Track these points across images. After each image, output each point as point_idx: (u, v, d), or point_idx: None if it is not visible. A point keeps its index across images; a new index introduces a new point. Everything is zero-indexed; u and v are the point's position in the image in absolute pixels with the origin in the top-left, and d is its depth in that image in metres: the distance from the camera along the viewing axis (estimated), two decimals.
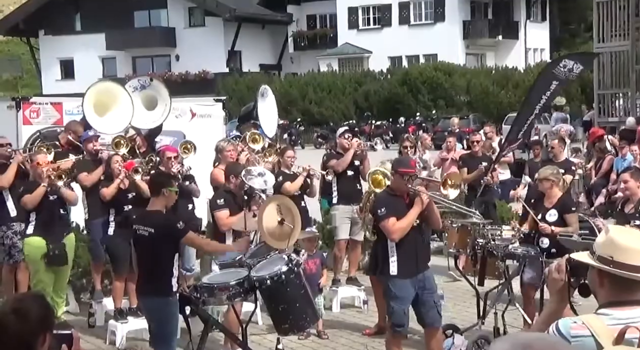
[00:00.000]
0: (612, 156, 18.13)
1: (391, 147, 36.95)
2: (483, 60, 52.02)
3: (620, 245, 3.37)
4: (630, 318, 3.29)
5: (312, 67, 51.41)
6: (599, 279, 3.42)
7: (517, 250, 8.62)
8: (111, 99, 11.33)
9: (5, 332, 3.33)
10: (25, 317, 3.36)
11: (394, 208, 7.63)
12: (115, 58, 54.97)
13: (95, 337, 9.74)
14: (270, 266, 7.61)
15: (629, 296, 3.36)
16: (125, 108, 11.30)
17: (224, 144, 10.75)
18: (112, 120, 11.20)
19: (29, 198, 9.34)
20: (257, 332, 9.47)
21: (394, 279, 7.65)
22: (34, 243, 9.44)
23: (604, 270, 3.37)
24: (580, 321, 3.30)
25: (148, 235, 7.35)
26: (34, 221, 9.46)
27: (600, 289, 3.42)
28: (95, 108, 11.15)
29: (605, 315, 3.32)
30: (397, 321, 7.75)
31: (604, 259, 3.38)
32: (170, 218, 7.61)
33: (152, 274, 7.38)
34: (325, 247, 12.01)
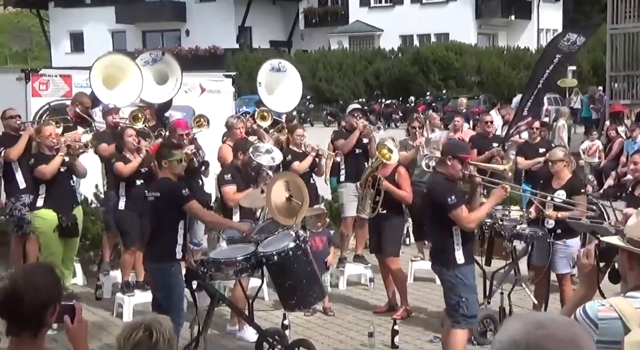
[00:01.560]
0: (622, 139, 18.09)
1: (400, 126, 36.87)
2: (495, 40, 51.75)
3: None
4: None
5: (323, 45, 51.22)
6: (629, 262, 3.39)
7: (524, 231, 8.62)
8: (121, 73, 11.33)
9: (17, 303, 3.34)
10: (35, 287, 3.37)
11: (461, 195, 7.24)
12: (124, 32, 54.86)
13: (102, 309, 9.80)
14: (277, 242, 7.62)
15: None
16: (134, 81, 11.30)
17: (233, 121, 10.73)
18: (121, 93, 11.20)
19: (47, 168, 9.32)
20: (263, 308, 9.50)
21: (462, 268, 7.16)
22: (45, 215, 9.47)
23: (635, 253, 3.34)
24: (608, 304, 3.26)
25: (154, 200, 7.50)
26: (43, 194, 9.47)
27: (630, 272, 3.39)
28: (104, 81, 11.14)
29: (634, 298, 3.29)
30: (471, 312, 7.26)
31: (634, 241, 3.35)
32: (176, 184, 7.65)
33: (156, 239, 7.52)
34: (333, 225, 12.02)
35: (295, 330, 8.74)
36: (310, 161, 10.53)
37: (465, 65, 44.93)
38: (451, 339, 7.25)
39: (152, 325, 3.16)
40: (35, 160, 9.47)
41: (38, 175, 9.41)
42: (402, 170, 9.40)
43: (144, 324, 3.18)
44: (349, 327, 9.16)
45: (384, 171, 9.32)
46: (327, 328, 9.16)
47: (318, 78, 46.01)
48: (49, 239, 9.55)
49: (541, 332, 2.14)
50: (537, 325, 2.17)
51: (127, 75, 11.33)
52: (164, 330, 3.17)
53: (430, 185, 7.51)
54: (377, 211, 9.31)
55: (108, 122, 10.69)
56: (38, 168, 9.37)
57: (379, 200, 9.28)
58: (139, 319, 3.24)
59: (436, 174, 7.50)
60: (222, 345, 8.55)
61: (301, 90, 13.05)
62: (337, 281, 10.78)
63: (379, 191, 9.27)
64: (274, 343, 7.88)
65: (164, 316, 3.33)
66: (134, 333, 3.17)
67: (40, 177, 9.39)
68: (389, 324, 8.71)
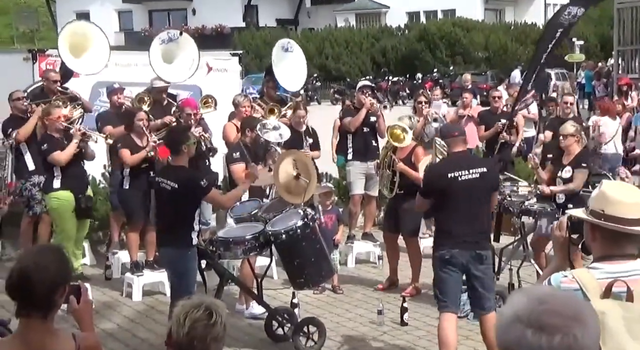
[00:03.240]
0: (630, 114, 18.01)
1: (407, 103, 36.76)
2: (502, 15, 51.47)
3: (611, 198, 3.38)
4: (620, 272, 3.30)
5: (329, 22, 51.02)
6: (591, 233, 3.44)
7: (533, 206, 8.60)
8: (86, 40, 11.24)
9: (27, 284, 3.36)
10: (45, 269, 3.38)
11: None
12: (131, 11, 54.72)
13: (112, 290, 9.83)
14: (286, 221, 7.63)
15: (619, 250, 3.38)
16: (101, 49, 11.23)
17: (240, 99, 10.70)
18: (88, 61, 11.15)
19: (62, 155, 9.35)
20: (272, 287, 9.52)
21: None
22: (63, 196, 9.51)
23: (596, 224, 3.39)
24: (570, 275, 3.32)
25: (171, 190, 7.34)
26: (59, 175, 9.47)
27: (592, 243, 3.44)
28: (71, 50, 11.07)
29: (596, 269, 3.33)
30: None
31: (595, 212, 3.39)
32: (194, 175, 7.59)
33: (173, 226, 7.39)
34: (341, 203, 12.02)
35: (304, 309, 8.76)
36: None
37: (472, 42, 44.73)
38: (492, 323, 6.89)
39: (212, 306, 3.20)
40: (48, 146, 9.44)
41: (53, 162, 9.44)
42: (419, 151, 9.36)
43: (204, 304, 3.22)
44: (358, 305, 9.18)
45: (402, 152, 9.31)
46: (336, 306, 9.18)
47: (325, 56, 45.87)
48: (65, 220, 9.59)
49: (543, 307, 2.14)
50: (539, 300, 2.17)
51: (93, 43, 11.24)
52: (222, 313, 3.21)
53: (491, 169, 7.31)
54: (395, 192, 9.32)
55: (113, 101, 10.69)
56: (52, 155, 9.39)
57: (396, 181, 9.27)
58: (199, 299, 3.29)
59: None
60: (231, 324, 8.50)
61: (306, 69, 12.98)
62: (345, 259, 10.79)
63: (395, 172, 9.27)
64: (283, 321, 7.92)
65: (220, 302, 3.38)
66: (194, 311, 3.20)
67: (55, 163, 9.43)
68: (398, 301, 8.73)
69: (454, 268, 6.93)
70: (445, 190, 6.91)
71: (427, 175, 7.38)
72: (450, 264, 6.92)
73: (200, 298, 3.34)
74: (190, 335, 3.18)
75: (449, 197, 6.89)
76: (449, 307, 6.98)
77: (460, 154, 7.14)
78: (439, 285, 7.05)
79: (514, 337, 2.14)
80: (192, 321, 3.18)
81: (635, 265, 3.35)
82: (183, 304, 3.32)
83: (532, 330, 2.11)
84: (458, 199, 6.86)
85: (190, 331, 3.18)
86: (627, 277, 3.27)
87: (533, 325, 2.12)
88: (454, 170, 6.91)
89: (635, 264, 3.35)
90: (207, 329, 3.18)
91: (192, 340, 3.19)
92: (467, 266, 6.94)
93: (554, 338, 2.10)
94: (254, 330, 8.38)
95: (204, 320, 3.18)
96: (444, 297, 6.99)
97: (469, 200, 6.87)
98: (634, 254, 3.41)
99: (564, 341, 2.09)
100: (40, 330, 3.42)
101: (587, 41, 40.51)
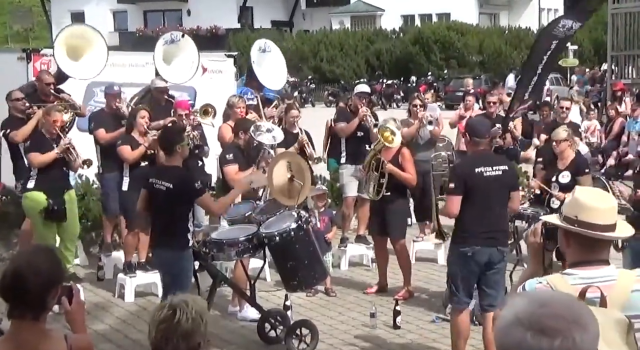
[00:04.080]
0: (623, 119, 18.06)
1: (402, 106, 36.81)
2: (496, 20, 51.58)
3: (585, 204, 3.39)
4: (594, 277, 3.31)
5: (324, 25, 51.06)
6: (565, 239, 3.45)
7: (526, 211, 8.62)
8: (85, 43, 11.20)
9: (20, 285, 3.35)
10: (38, 270, 3.38)
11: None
12: (126, 11, 54.67)
13: (104, 290, 9.81)
14: (279, 223, 7.63)
15: (593, 256, 3.39)
16: (99, 52, 11.21)
17: (235, 100, 10.68)
18: (86, 64, 11.12)
19: (38, 158, 9.20)
20: (265, 289, 9.51)
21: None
22: (33, 197, 9.28)
23: (570, 231, 3.40)
24: (545, 281, 3.33)
25: (166, 190, 7.30)
26: (35, 176, 9.32)
27: (567, 249, 3.46)
28: (68, 53, 11.02)
29: (570, 274, 3.35)
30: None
31: (569, 218, 3.40)
32: (189, 176, 7.54)
33: (167, 228, 7.34)
34: (334, 205, 12.02)
35: (297, 311, 8.75)
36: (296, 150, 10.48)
37: (467, 45, 44.82)
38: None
39: (178, 305, 3.21)
40: (31, 144, 9.36)
41: (28, 160, 9.33)
42: (405, 152, 9.37)
43: (169, 304, 3.23)
44: (350, 308, 9.17)
45: (388, 154, 9.30)
46: (329, 309, 9.17)
47: (319, 58, 45.91)
48: (36, 222, 9.38)
49: (543, 310, 2.14)
50: (540, 303, 2.18)
51: (92, 46, 11.20)
52: (190, 310, 3.21)
53: (511, 167, 7.44)
54: (381, 194, 9.31)
55: (109, 104, 10.58)
56: (31, 154, 9.26)
57: (383, 182, 9.27)
58: (168, 300, 3.30)
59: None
60: (224, 326, 8.56)
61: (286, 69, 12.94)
62: (339, 262, 10.78)
63: (382, 174, 9.27)
64: (275, 324, 7.91)
65: (195, 297, 3.38)
66: (158, 313, 3.22)
67: (29, 162, 9.31)
68: (390, 304, 8.73)
69: (474, 265, 6.99)
70: (472, 186, 6.95)
71: (454, 173, 7.34)
72: (472, 260, 6.98)
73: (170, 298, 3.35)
74: (159, 337, 3.20)
75: (474, 193, 6.94)
76: (463, 303, 7.12)
77: (484, 152, 7.28)
78: (457, 281, 7.09)
79: (514, 340, 2.14)
80: (157, 323, 3.20)
81: (608, 271, 3.37)
82: (154, 307, 3.36)
83: (532, 333, 2.11)
84: (482, 195, 6.94)
85: (157, 333, 3.20)
86: (600, 282, 3.28)
87: (533, 328, 2.12)
88: (480, 166, 6.99)
89: (608, 270, 3.37)
90: (171, 328, 3.19)
91: (161, 341, 3.20)
92: (487, 263, 7.01)
93: (554, 341, 2.09)
94: (246, 332, 8.37)
95: (168, 320, 3.19)
96: (461, 293, 7.08)
97: (492, 197, 6.97)
98: (607, 260, 3.43)
99: (564, 344, 2.09)
100: (32, 331, 3.40)
101: (581, 46, 40.61)
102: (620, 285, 3.31)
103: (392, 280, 9.74)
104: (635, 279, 3.37)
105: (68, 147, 9.32)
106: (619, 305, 3.24)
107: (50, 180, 9.33)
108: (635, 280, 3.36)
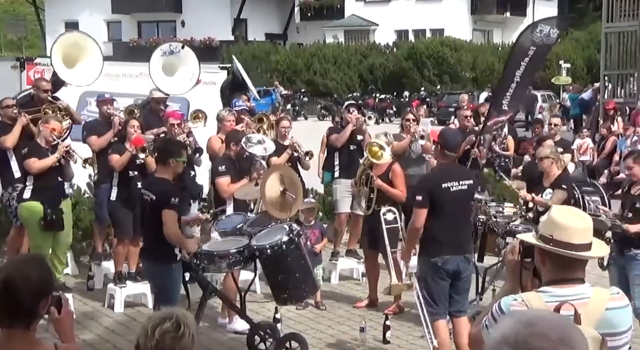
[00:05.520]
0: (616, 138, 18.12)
1: (394, 120, 36.86)
2: (490, 36, 51.73)
3: (560, 223, 3.43)
4: (568, 295, 3.35)
5: (318, 38, 51.13)
6: (540, 257, 3.49)
7: (518, 227, 8.61)
8: (80, 51, 11.22)
9: (10, 295, 3.34)
10: (28, 279, 3.37)
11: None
12: (120, 22, 54.67)
13: (93, 300, 9.78)
14: (270, 235, 7.62)
15: (568, 274, 3.43)
16: (94, 60, 11.23)
17: (224, 114, 10.79)
18: (81, 72, 11.14)
19: (36, 164, 9.13)
20: (255, 301, 9.49)
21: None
22: (30, 207, 9.23)
23: (545, 249, 3.43)
24: (520, 299, 3.36)
25: (150, 202, 7.32)
26: (31, 186, 9.26)
27: (542, 267, 3.49)
28: (64, 60, 11.05)
29: (545, 292, 3.38)
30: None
31: (545, 237, 3.44)
32: (170, 190, 7.39)
33: (154, 240, 7.34)
34: (326, 218, 12.02)
35: (287, 324, 8.74)
36: (286, 157, 10.50)
37: (460, 61, 44.93)
38: (465, 326, 7.35)
39: (180, 318, 3.18)
40: (29, 150, 9.28)
41: (25, 167, 9.26)
42: (396, 168, 9.38)
43: (173, 316, 3.19)
44: (340, 322, 9.16)
45: (379, 169, 9.32)
46: (319, 322, 9.16)
47: (313, 71, 45.98)
48: (34, 231, 9.32)
49: (530, 330, 2.15)
50: (527, 323, 2.18)
51: (87, 54, 11.24)
52: (191, 325, 3.19)
53: (474, 180, 7.69)
54: (372, 208, 9.32)
55: (102, 111, 10.65)
56: (28, 160, 9.19)
57: (373, 197, 9.28)
58: (168, 311, 3.26)
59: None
60: (213, 338, 8.54)
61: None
62: (329, 275, 10.78)
63: (372, 189, 9.28)
64: (265, 336, 7.89)
65: (188, 313, 3.35)
66: (162, 323, 3.17)
67: (27, 169, 9.25)
68: (380, 319, 8.72)
69: (445, 275, 7.21)
70: (438, 200, 7.18)
71: (421, 186, 7.46)
72: (442, 270, 7.19)
73: (169, 310, 3.32)
74: (158, 348, 3.16)
75: (440, 206, 7.17)
76: (440, 314, 7.27)
77: (451, 165, 7.50)
78: (431, 294, 7.25)
79: None
80: (160, 333, 3.16)
81: (582, 289, 3.41)
82: (151, 316, 3.32)
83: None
84: (449, 208, 7.18)
85: (158, 343, 3.15)
86: (575, 300, 3.32)
87: (519, 348, 2.12)
88: (446, 181, 7.22)
89: (582, 288, 3.41)
90: (175, 341, 3.16)
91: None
92: (456, 271, 7.25)
93: None
94: (236, 344, 8.35)
95: (171, 332, 3.16)
96: (436, 305, 7.23)
97: (457, 210, 7.25)
98: (582, 278, 3.47)
99: None
100: (22, 340, 3.39)
101: (574, 64, 40.77)
102: (594, 303, 3.35)
103: (382, 295, 9.74)
104: (609, 297, 3.41)
105: (68, 149, 9.33)
106: (592, 323, 3.28)
107: (46, 190, 9.27)
108: (609, 298, 3.40)
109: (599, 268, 8.11)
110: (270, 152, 9.62)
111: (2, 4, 62.82)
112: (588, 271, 3.60)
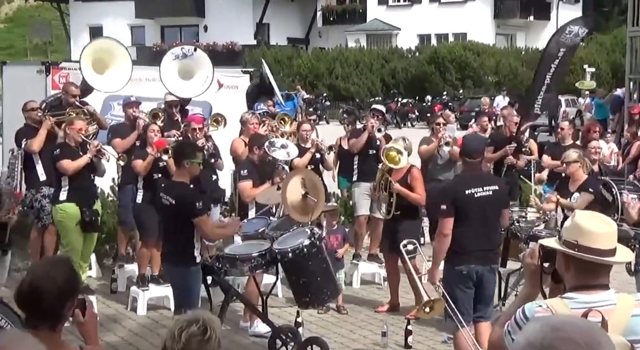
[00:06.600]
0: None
1: (416, 125, 36.81)
2: (513, 40, 51.52)
3: (585, 229, 3.40)
4: (594, 301, 3.32)
5: (340, 42, 51.15)
6: (565, 263, 3.46)
7: (541, 233, 8.56)
8: (110, 57, 11.30)
9: (37, 296, 3.37)
10: (54, 281, 3.40)
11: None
12: (143, 27, 54.97)
13: (117, 303, 9.83)
14: (292, 239, 7.63)
15: (593, 280, 3.40)
16: (124, 66, 11.31)
17: (248, 116, 10.82)
18: (111, 78, 11.22)
19: (70, 165, 9.20)
20: (277, 305, 9.51)
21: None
22: (68, 209, 9.32)
23: (570, 255, 3.41)
24: (545, 305, 3.34)
25: (169, 206, 7.36)
26: (66, 187, 9.31)
27: (566, 273, 3.46)
28: (94, 66, 11.12)
29: (570, 299, 3.35)
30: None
31: (569, 243, 3.41)
32: (192, 194, 7.46)
33: (174, 243, 7.41)
34: (347, 222, 12.02)
35: (308, 328, 8.75)
36: (309, 157, 10.52)
37: (483, 66, 44.75)
38: (487, 331, 7.20)
39: (207, 322, 3.20)
40: (61, 151, 9.33)
41: (60, 169, 9.31)
42: (415, 172, 9.37)
43: (200, 319, 3.21)
44: (362, 326, 9.15)
45: (398, 174, 9.31)
46: (341, 326, 9.16)
47: (335, 76, 45.96)
48: (70, 233, 9.42)
49: (556, 334, 2.13)
50: (554, 327, 2.17)
51: (117, 60, 11.32)
52: (217, 329, 3.21)
53: (501, 186, 7.57)
54: (391, 213, 9.31)
55: (128, 114, 10.73)
56: (61, 162, 9.24)
57: (392, 202, 9.27)
58: (195, 314, 3.28)
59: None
60: (235, 341, 8.56)
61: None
62: (351, 279, 10.78)
63: (392, 193, 9.27)
64: (287, 340, 7.89)
65: (215, 317, 3.37)
66: (189, 326, 3.19)
67: (61, 171, 9.31)
68: (402, 323, 8.70)
69: (470, 283, 7.16)
70: (463, 207, 7.08)
71: (445, 194, 7.37)
72: (468, 279, 7.13)
73: (195, 313, 3.33)
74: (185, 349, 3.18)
75: (465, 213, 7.08)
76: (467, 322, 7.20)
77: (475, 172, 7.37)
78: (456, 302, 7.16)
79: None
80: (187, 336, 3.17)
81: (608, 295, 3.37)
82: (178, 318, 3.33)
83: None
84: (474, 215, 7.08)
85: (185, 346, 3.17)
86: (601, 307, 3.29)
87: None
88: (470, 187, 7.11)
89: (608, 294, 3.38)
90: (201, 345, 3.18)
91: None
92: (481, 280, 7.19)
93: None
94: (257, 347, 8.37)
95: (198, 336, 3.18)
96: (465, 314, 7.17)
97: (483, 216, 7.13)
98: (607, 284, 3.44)
99: None
100: (48, 341, 3.40)
101: (599, 68, 40.50)
102: (620, 309, 3.32)
103: (404, 299, 9.73)
104: (634, 303, 3.38)
105: (99, 148, 9.41)
106: (619, 330, 3.25)
107: (81, 190, 9.39)
108: (635, 304, 3.37)
109: (622, 274, 8.06)
110: (294, 157, 9.65)
111: (28, 9, 63.28)
112: (612, 277, 3.58)
